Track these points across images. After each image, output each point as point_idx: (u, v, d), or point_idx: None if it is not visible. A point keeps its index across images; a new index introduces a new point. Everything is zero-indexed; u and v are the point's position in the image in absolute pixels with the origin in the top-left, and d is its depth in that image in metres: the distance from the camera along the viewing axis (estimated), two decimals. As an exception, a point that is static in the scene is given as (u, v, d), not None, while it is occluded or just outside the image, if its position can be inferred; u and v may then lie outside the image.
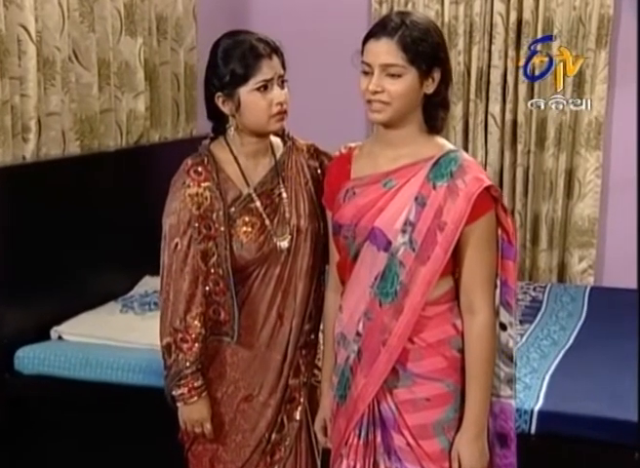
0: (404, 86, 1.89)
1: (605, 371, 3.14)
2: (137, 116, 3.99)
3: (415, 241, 1.90)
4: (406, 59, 1.88)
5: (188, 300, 2.06)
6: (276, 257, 2.13)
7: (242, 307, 2.12)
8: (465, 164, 1.92)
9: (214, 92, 2.08)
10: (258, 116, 2.06)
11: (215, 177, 2.07)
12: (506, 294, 1.99)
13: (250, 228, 2.09)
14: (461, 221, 1.88)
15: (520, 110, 4.61)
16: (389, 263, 1.93)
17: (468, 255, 1.92)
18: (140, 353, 3.16)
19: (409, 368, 1.96)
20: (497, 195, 1.92)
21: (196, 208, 2.05)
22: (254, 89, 2.04)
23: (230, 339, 2.14)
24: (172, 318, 2.07)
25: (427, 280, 1.90)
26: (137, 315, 3.48)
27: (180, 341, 2.08)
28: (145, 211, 3.90)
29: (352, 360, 2.01)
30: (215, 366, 2.17)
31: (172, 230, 2.06)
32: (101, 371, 3.12)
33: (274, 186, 2.15)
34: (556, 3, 4.50)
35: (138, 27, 3.95)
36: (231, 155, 2.12)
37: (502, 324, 2.01)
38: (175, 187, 2.09)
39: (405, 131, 1.96)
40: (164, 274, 2.09)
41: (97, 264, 3.59)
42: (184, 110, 4.46)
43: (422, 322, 1.94)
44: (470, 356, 1.95)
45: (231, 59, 2.04)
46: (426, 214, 1.89)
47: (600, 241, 4.69)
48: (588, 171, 4.59)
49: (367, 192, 1.98)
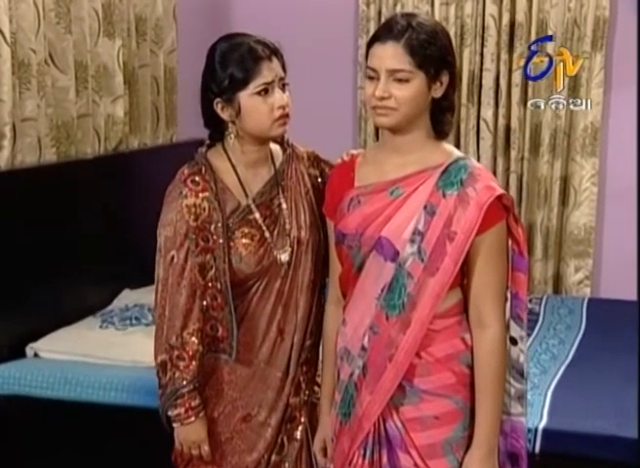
0: (412, 91, 1.89)
1: (608, 387, 3.14)
2: (115, 121, 3.96)
3: (424, 251, 1.89)
4: (413, 64, 1.87)
5: (185, 316, 2.04)
6: (276, 271, 2.11)
7: (241, 323, 2.11)
8: (476, 172, 1.92)
9: (212, 98, 2.06)
10: (259, 121, 2.05)
11: (213, 188, 2.06)
12: (517, 308, 1.99)
13: (249, 240, 2.08)
14: (472, 231, 1.87)
15: (513, 115, 4.63)
16: (397, 274, 1.92)
17: (478, 267, 1.91)
18: (122, 370, 3.12)
19: (416, 384, 1.95)
20: (508, 204, 1.92)
21: (193, 219, 2.03)
22: (254, 93, 2.03)
23: (228, 357, 2.12)
24: (167, 334, 2.05)
25: (436, 292, 1.89)
26: (118, 330, 3.44)
27: (176, 359, 2.05)
28: (125, 221, 3.92)
29: (357, 376, 1.99)
30: (211, 384, 2.15)
31: (168, 242, 2.04)
32: (82, 391, 3.07)
33: (274, 196, 2.14)
34: (550, 4, 4.53)
35: (116, 28, 3.92)
36: (229, 164, 2.11)
37: (513, 338, 2.00)
38: (170, 197, 2.07)
39: (412, 136, 1.96)
40: (159, 288, 2.07)
41: (74, 277, 3.54)
42: (164, 115, 4.44)
43: (430, 336, 1.93)
44: (480, 372, 1.94)
45: (229, 63, 2.03)
46: (436, 223, 1.89)
47: (597, 251, 4.70)
48: (584, 178, 4.61)
49: (373, 200, 1.97)
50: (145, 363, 3.13)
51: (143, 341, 3.25)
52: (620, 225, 4.64)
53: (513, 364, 2.01)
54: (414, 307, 1.90)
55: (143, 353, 3.13)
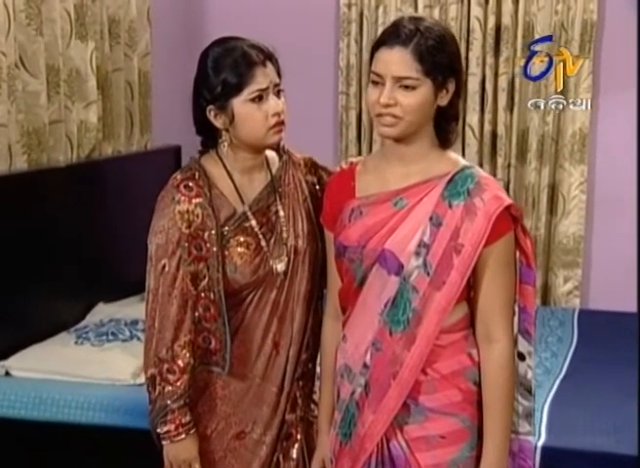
0: (418, 99, 1.87)
1: (605, 402, 3.16)
2: (88, 128, 3.90)
3: (429, 264, 1.88)
4: (421, 71, 1.86)
5: (176, 327, 2.02)
6: (272, 281, 2.10)
7: (234, 335, 2.09)
8: (483, 181, 1.91)
9: (204, 105, 2.04)
10: (253, 129, 2.04)
11: (207, 193, 2.04)
12: (525, 322, 1.98)
13: (244, 249, 2.06)
14: (480, 243, 1.86)
15: (500, 121, 4.64)
16: (401, 288, 1.90)
17: (486, 280, 1.91)
18: (100, 389, 3.08)
19: (421, 401, 1.93)
20: (517, 214, 1.91)
21: (186, 226, 2.01)
22: (248, 99, 2.01)
23: (221, 370, 2.09)
24: (157, 347, 2.03)
25: (442, 307, 1.88)
26: (94, 347, 3.38)
27: (166, 372, 2.03)
28: (99, 232, 3.88)
29: (359, 394, 1.97)
30: (204, 399, 2.13)
31: (159, 251, 2.02)
32: (58, 411, 3.04)
33: (270, 203, 2.13)
34: (537, 7, 4.55)
35: (89, 31, 3.87)
36: (224, 170, 2.09)
37: (521, 353, 2.00)
38: (162, 204, 2.04)
39: (416, 146, 1.95)
40: (149, 299, 2.04)
41: (45, 291, 3.49)
42: (138, 121, 4.39)
43: (436, 351, 1.92)
44: (488, 389, 1.92)
45: (222, 69, 2.01)
46: (442, 235, 1.87)
47: (586, 260, 4.71)
48: (573, 185, 4.63)
49: (375, 211, 1.95)
50: (124, 380, 3.15)
51: (121, 358, 3.26)
52: (609, 234, 4.67)
53: (521, 380, 2.00)
54: (419, 322, 1.89)
55: (122, 370, 3.18)
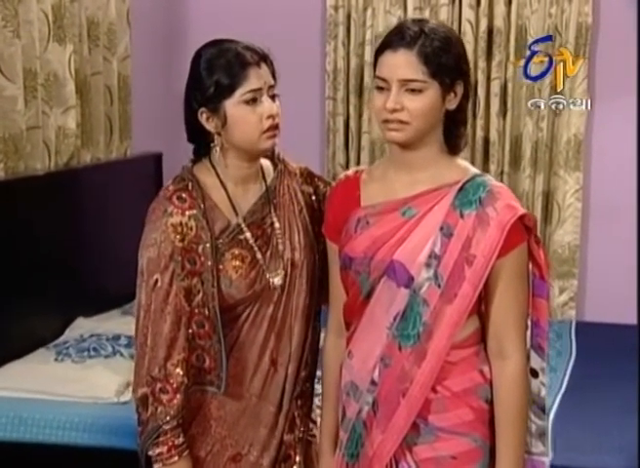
0: (426, 102, 1.86)
1: (609, 418, 3.16)
2: (67, 134, 3.87)
3: (440, 276, 1.86)
4: (427, 73, 1.85)
5: (169, 345, 1.98)
6: (269, 296, 2.07)
7: (230, 353, 2.05)
8: (496, 190, 1.89)
9: (196, 108, 2.02)
10: (246, 132, 2.01)
11: (201, 205, 2.01)
12: (538, 336, 1.96)
13: (240, 262, 2.04)
14: (493, 254, 1.84)
15: (492, 127, 4.63)
16: (411, 301, 1.88)
17: (499, 293, 1.88)
18: (83, 408, 3.06)
19: (431, 421, 1.91)
20: (530, 225, 1.89)
21: (180, 239, 1.98)
22: (241, 101, 1.99)
23: (217, 390, 2.06)
24: (150, 365, 1.99)
25: (454, 320, 1.86)
26: (75, 363, 3.35)
27: (158, 392, 1.99)
28: (78, 242, 3.83)
29: (366, 413, 1.94)
30: (198, 420, 2.09)
31: (151, 265, 1.98)
32: (39, 431, 3.01)
33: (265, 215, 2.10)
34: (530, 10, 4.55)
35: (67, 33, 3.84)
36: (218, 180, 2.06)
37: (534, 370, 1.97)
38: (154, 216, 2.01)
39: (424, 152, 1.93)
40: (141, 315, 2.01)
41: (21, 305, 3.44)
42: (118, 127, 4.37)
43: (446, 368, 1.90)
44: (501, 407, 1.90)
45: (215, 69, 1.99)
46: (453, 245, 1.86)
47: (581, 271, 4.70)
48: (568, 193, 4.62)
49: (383, 221, 1.93)
50: (108, 399, 3.13)
51: (104, 375, 3.24)
52: (605, 244, 4.67)
53: (534, 398, 1.98)
54: (430, 337, 1.87)
55: (105, 388, 3.17)
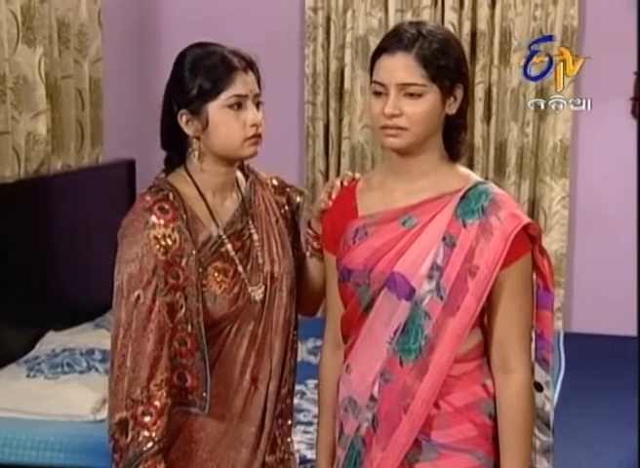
0: (425, 107, 1.85)
1: (603, 431, 3.20)
2: (37, 140, 3.82)
3: (443, 288, 1.84)
4: (427, 77, 1.84)
5: (152, 365, 1.93)
6: (250, 311, 2.04)
7: (211, 371, 2.01)
8: (499, 198, 1.87)
9: (176, 110, 1.99)
10: (228, 138, 1.99)
11: (183, 216, 1.97)
12: (543, 349, 1.94)
13: (223, 276, 2.00)
14: (497, 265, 1.82)
15: (477, 132, 4.64)
16: (412, 314, 1.86)
17: (503, 305, 1.86)
18: (58, 427, 3.03)
19: (433, 437, 1.88)
20: (535, 234, 1.87)
21: (162, 253, 1.93)
22: (225, 105, 1.97)
23: (200, 411, 2.02)
24: (130, 387, 1.93)
25: (457, 334, 1.84)
26: (48, 380, 3.30)
27: (140, 415, 1.93)
28: (48, 253, 3.78)
29: (365, 429, 1.92)
30: (178, 444, 2.03)
31: (132, 281, 1.93)
32: (11, 452, 2.97)
33: (244, 226, 2.08)
34: (515, 12, 4.58)
35: (37, 35, 3.78)
36: (196, 190, 2.03)
37: (538, 384, 1.95)
38: (133, 229, 1.95)
39: (423, 159, 1.91)
40: (119, 334, 1.95)
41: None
42: (89, 133, 4.32)
43: (448, 382, 1.87)
44: (505, 422, 1.88)
45: (200, 71, 1.97)
46: (456, 256, 1.84)
47: (568, 280, 4.71)
48: (554, 201, 4.64)
49: (382, 232, 1.91)
50: (84, 416, 3.09)
51: (79, 391, 3.21)
52: (592, 252, 4.68)
53: (538, 413, 1.95)
54: (432, 351, 1.84)
55: (80, 405, 3.13)
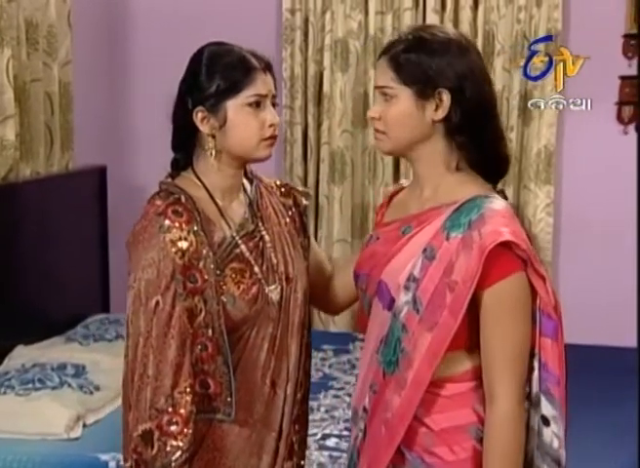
0: (397, 110, 1.89)
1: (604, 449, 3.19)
2: (5, 146, 3.79)
3: (419, 301, 1.83)
4: (396, 79, 1.88)
5: (176, 372, 1.91)
6: (268, 313, 2.04)
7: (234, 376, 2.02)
8: (488, 213, 1.83)
9: (191, 108, 1.99)
10: (246, 137, 1.99)
11: (197, 219, 1.98)
12: (547, 381, 1.86)
13: (240, 277, 2.00)
14: (473, 281, 1.78)
15: (459, 138, 4.58)
16: (392, 326, 1.87)
17: (488, 328, 1.83)
18: (31, 446, 3.01)
19: (419, 455, 1.89)
20: (523, 256, 1.81)
21: (180, 256, 1.92)
22: (245, 104, 1.98)
23: (226, 417, 2.01)
24: (154, 397, 1.90)
25: (433, 350, 1.81)
26: (19, 396, 3.25)
27: (166, 425, 1.90)
28: (16, 263, 3.73)
29: (360, 440, 1.95)
30: (200, 453, 2.01)
31: (150, 287, 1.91)
32: None
33: (255, 228, 2.09)
34: (498, 16, 4.58)
35: (4, 36, 3.75)
36: (206, 192, 2.03)
37: (544, 417, 1.88)
38: (147, 234, 1.94)
39: (425, 167, 1.93)
40: (139, 343, 1.92)
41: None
42: (59, 138, 4.29)
43: (439, 401, 1.87)
44: (485, 453, 1.84)
45: (219, 68, 1.98)
46: (434, 269, 1.83)
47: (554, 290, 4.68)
48: (539, 208, 4.64)
49: (386, 238, 1.95)
50: (58, 435, 3.07)
51: (52, 408, 3.18)
52: (578, 261, 4.67)
53: (547, 450, 1.88)
54: (409, 365, 1.84)
55: (54, 423, 3.12)
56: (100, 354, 3.66)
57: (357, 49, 4.69)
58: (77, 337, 3.88)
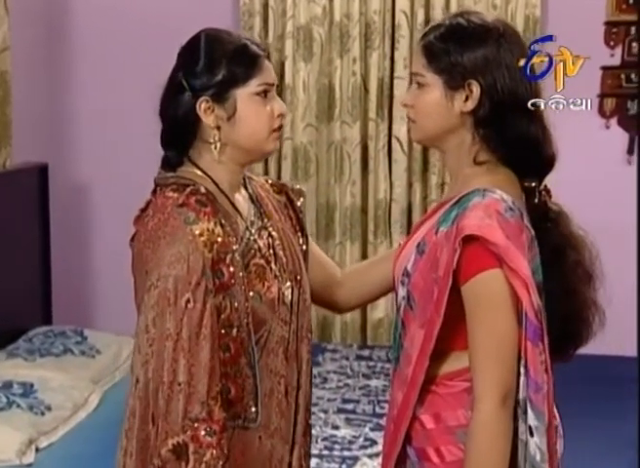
0: (427, 99, 1.93)
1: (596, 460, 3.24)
2: (-59, 141, 3.60)
3: (412, 297, 1.91)
4: (427, 67, 1.92)
5: (210, 376, 1.85)
6: (282, 313, 2.03)
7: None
8: (472, 205, 1.84)
9: (191, 99, 1.93)
10: (256, 128, 1.97)
11: (219, 209, 1.95)
12: (530, 388, 1.82)
13: (262, 273, 2.00)
14: (448, 275, 1.81)
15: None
16: (396, 321, 1.99)
17: (470, 326, 1.84)
18: None
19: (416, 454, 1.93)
20: (497, 251, 1.79)
21: (209, 250, 1.89)
22: (254, 93, 1.95)
23: (252, 423, 1.97)
24: (187, 405, 1.82)
25: (423, 348, 1.86)
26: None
27: (204, 435, 1.82)
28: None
29: None
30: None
31: (179, 284, 1.85)
32: None
33: (262, 224, 2.08)
34: (472, 0, 4.55)
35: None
36: (215, 186, 1.98)
37: (530, 427, 1.83)
38: (169, 228, 1.87)
39: (451, 159, 1.98)
40: (167, 348, 1.84)
41: None
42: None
43: (434, 400, 1.90)
44: (464, 459, 1.83)
45: (223, 55, 1.94)
46: (423, 264, 1.89)
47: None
48: (519, 207, 4.55)
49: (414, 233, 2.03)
50: (8, 461, 3.02)
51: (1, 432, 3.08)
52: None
53: (532, 462, 1.82)
54: (409, 362, 1.90)
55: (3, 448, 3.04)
56: (49, 370, 3.56)
57: (321, 36, 4.63)
58: (20, 352, 3.76)
